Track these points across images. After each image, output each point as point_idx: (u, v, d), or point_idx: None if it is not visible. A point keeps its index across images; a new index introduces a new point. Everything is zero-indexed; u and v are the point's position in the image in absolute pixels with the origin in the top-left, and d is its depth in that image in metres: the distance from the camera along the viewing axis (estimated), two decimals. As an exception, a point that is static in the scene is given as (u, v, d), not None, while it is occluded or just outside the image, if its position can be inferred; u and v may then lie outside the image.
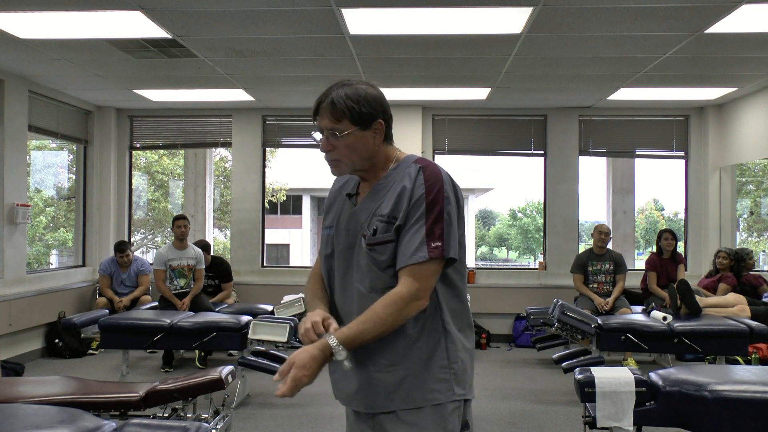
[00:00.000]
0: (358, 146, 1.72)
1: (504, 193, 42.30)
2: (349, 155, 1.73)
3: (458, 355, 1.72)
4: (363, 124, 1.72)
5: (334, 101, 1.71)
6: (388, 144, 1.80)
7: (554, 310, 5.26)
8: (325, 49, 5.15)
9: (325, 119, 1.72)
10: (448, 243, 1.66)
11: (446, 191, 1.67)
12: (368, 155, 1.75)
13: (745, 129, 6.91)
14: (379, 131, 1.75)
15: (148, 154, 16.11)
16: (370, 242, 1.70)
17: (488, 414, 4.62)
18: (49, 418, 2.33)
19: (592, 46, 5.01)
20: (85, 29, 4.66)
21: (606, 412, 2.92)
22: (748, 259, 6.34)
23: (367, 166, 1.77)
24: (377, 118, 1.74)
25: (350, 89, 1.73)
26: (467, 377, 1.75)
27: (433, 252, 1.63)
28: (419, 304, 1.65)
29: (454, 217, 1.69)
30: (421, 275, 1.64)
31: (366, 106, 1.72)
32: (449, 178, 1.72)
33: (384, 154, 1.78)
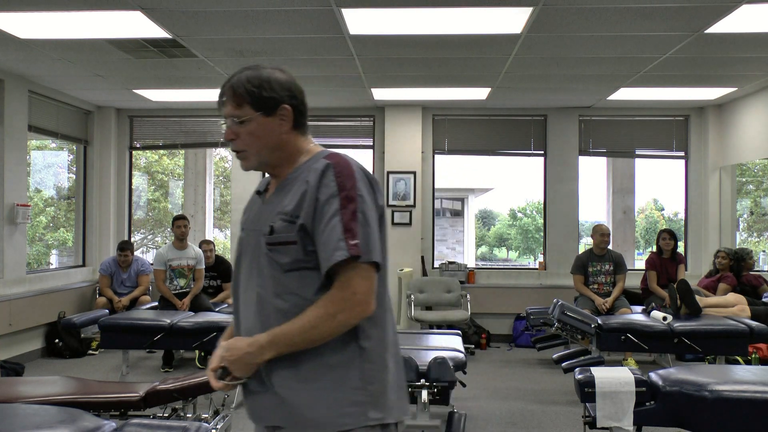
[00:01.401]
0: (261, 134, 1.60)
1: (504, 193, 42.24)
2: (254, 144, 1.61)
3: (376, 375, 1.53)
4: (266, 110, 1.59)
5: (234, 86, 1.60)
6: (300, 134, 1.66)
7: (554, 310, 5.26)
8: (325, 49, 5.15)
9: (228, 106, 1.61)
10: (367, 244, 1.48)
11: (360, 189, 1.51)
12: (274, 144, 1.62)
13: (745, 129, 6.91)
14: (286, 118, 1.62)
15: (148, 154, 16.10)
16: (269, 241, 1.55)
17: (488, 414, 4.63)
18: (49, 418, 2.33)
19: (592, 46, 5.01)
20: (85, 29, 4.66)
21: (606, 412, 2.92)
22: (748, 259, 6.33)
23: (275, 158, 1.64)
24: (283, 103, 1.60)
25: (253, 72, 1.61)
26: (387, 399, 1.54)
27: (354, 249, 1.46)
28: (358, 310, 1.48)
29: (372, 218, 1.52)
30: (348, 277, 1.47)
31: (269, 90, 1.59)
32: (364, 176, 1.56)
33: (294, 145, 1.64)
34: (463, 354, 4.14)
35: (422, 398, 3.68)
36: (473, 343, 6.92)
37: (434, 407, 3.82)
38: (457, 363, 3.91)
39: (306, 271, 1.53)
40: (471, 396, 4.99)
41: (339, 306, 1.47)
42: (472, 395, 5.01)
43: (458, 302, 7.09)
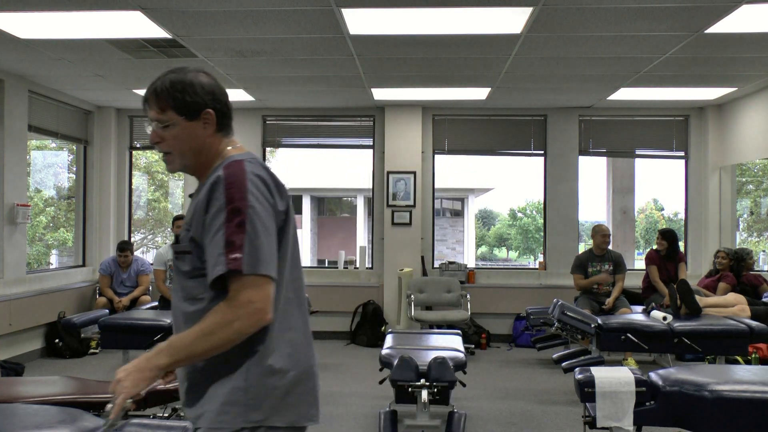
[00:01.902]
0: (185, 138, 1.61)
1: (504, 193, 42.28)
2: (178, 147, 1.62)
3: (261, 379, 1.54)
4: (189, 114, 1.60)
5: (157, 90, 1.61)
6: (224, 136, 1.67)
7: (554, 310, 5.26)
8: (325, 49, 5.15)
9: (152, 110, 1.62)
10: (253, 256, 1.47)
11: (250, 200, 1.49)
12: (198, 148, 1.63)
13: (745, 129, 6.91)
14: (210, 122, 1.62)
15: (148, 154, 16.10)
16: (174, 250, 1.64)
17: (488, 414, 4.63)
18: (49, 418, 2.33)
19: (592, 46, 5.01)
20: (85, 29, 4.66)
21: (606, 412, 2.91)
22: (748, 259, 6.33)
23: (198, 161, 1.65)
24: (206, 108, 1.61)
25: (176, 76, 1.61)
26: (270, 402, 1.55)
27: (232, 264, 1.45)
28: (255, 318, 1.47)
29: (265, 228, 1.50)
30: (239, 288, 1.47)
31: (192, 94, 1.60)
32: (261, 183, 1.54)
33: (215, 149, 1.65)
34: (463, 354, 4.15)
35: (422, 398, 3.69)
36: (473, 343, 6.92)
37: (434, 407, 3.82)
38: (457, 363, 3.92)
39: (200, 280, 1.56)
40: (471, 396, 4.99)
41: (235, 314, 1.47)
42: (472, 395, 5.01)
43: (458, 302, 7.09)
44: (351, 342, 7.42)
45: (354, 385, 5.43)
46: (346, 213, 27.90)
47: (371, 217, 7.97)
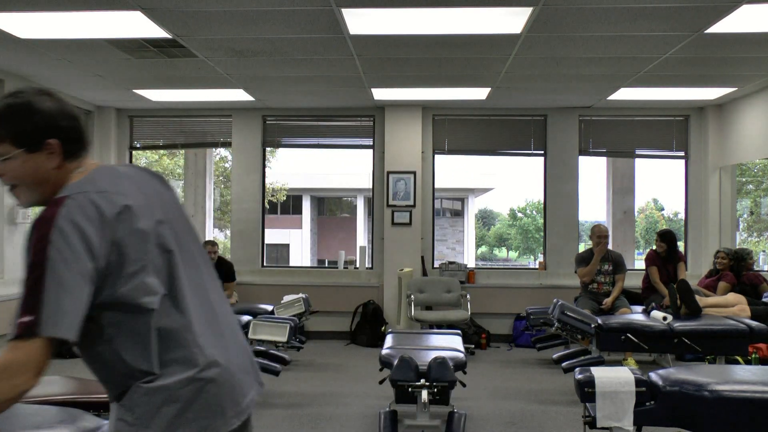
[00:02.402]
0: (27, 171, 1.44)
1: (504, 193, 42.35)
2: (20, 180, 1.46)
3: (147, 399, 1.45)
4: (29, 146, 1.43)
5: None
6: (74, 161, 1.49)
7: (554, 310, 5.26)
8: (325, 49, 5.15)
9: None
10: (52, 315, 1.28)
11: (50, 251, 1.30)
12: (42, 179, 1.46)
13: (745, 129, 6.91)
14: (55, 152, 1.45)
15: (148, 154, 16.11)
16: None
17: (488, 414, 4.63)
18: (49, 418, 2.33)
19: (592, 46, 5.01)
20: (85, 29, 4.66)
21: (606, 412, 2.91)
22: (748, 259, 6.33)
23: (46, 194, 1.46)
24: (48, 138, 1.44)
25: (13, 101, 1.45)
26: (161, 420, 1.44)
27: (22, 329, 1.27)
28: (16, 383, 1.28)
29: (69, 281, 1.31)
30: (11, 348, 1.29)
31: (30, 122, 1.43)
32: (73, 226, 1.33)
33: (63, 180, 1.46)
34: (463, 354, 4.15)
35: (422, 398, 3.69)
36: (473, 343, 6.92)
37: (434, 407, 3.82)
38: (457, 363, 3.92)
39: None
40: (471, 396, 4.99)
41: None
42: (472, 395, 5.01)
43: (458, 302, 7.09)
44: (351, 342, 7.42)
45: (354, 385, 5.43)
46: (346, 213, 27.90)
47: (371, 217, 7.97)
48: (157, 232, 1.48)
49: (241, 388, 1.59)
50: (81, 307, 1.34)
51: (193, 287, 1.55)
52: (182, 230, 1.60)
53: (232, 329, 1.67)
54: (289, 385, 5.34)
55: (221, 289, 1.73)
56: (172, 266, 1.50)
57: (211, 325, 1.57)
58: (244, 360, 1.64)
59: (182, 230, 1.60)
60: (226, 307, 1.69)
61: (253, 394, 1.64)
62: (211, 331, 1.56)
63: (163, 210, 1.55)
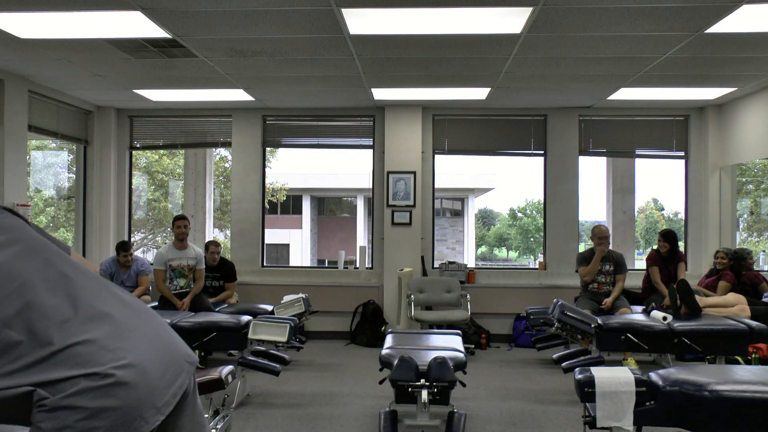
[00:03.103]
0: None
1: (504, 193, 42.34)
2: None
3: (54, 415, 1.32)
4: None
5: None
6: None
7: (554, 310, 5.26)
8: (325, 49, 5.15)
9: None
10: None
11: None
12: None
13: (745, 129, 6.91)
14: None
15: (148, 154, 16.11)
16: None
17: (488, 414, 4.63)
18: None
19: (592, 46, 5.01)
20: (85, 29, 4.66)
21: (606, 412, 2.92)
22: (748, 259, 6.33)
23: None
24: None
25: None
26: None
27: None
28: None
29: None
30: None
31: None
32: None
33: None
34: (463, 354, 4.15)
35: (422, 398, 3.69)
36: (473, 343, 6.92)
37: (434, 407, 3.82)
38: (457, 363, 3.92)
39: None
40: (471, 396, 4.99)
41: None
42: (472, 395, 5.01)
43: (458, 302, 7.09)
44: (351, 342, 7.42)
45: (354, 385, 5.43)
46: (346, 213, 27.90)
47: (371, 217, 7.97)
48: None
49: (158, 385, 1.46)
50: None
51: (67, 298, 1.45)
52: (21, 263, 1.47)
53: (143, 317, 1.57)
54: (289, 385, 5.34)
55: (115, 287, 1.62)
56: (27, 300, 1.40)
57: (108, 324, 1.46)
58: (157, 353, 1.51)
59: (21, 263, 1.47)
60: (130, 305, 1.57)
61: (175, 388, 1.51)
62: (112, 332, 1.45)
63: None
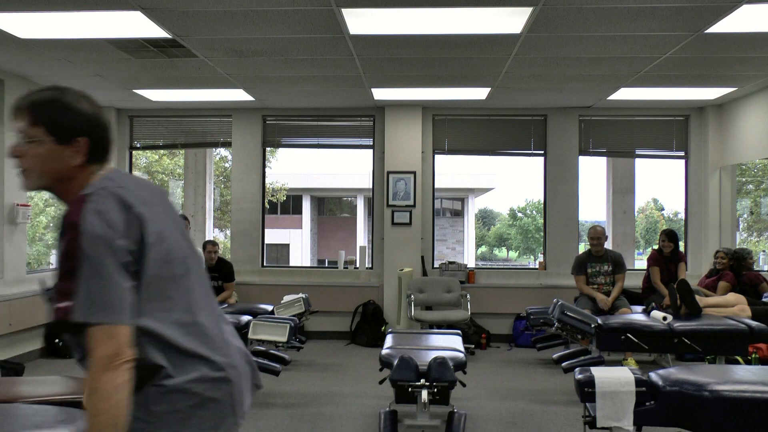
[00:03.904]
0: (48, 160, 1.50)
1: (504, 193, 42.33)
2: (38, 167, 1.51)
3: (166, 397, 1.49)
4: (61, 137, 1.49)
5: (34, 103, 1.51)
6: (95, 165, 1.56)
7: (554, 310, 5.26)
8: (325, 49, 5.15)
9: (22, 121, 1.51)
10: (88, 304, 1.38)
11: (82, 242, 1.39)
12: (59, 175, 1.52)
13: (745, 129, 6.91)
14: (80, 151, 1.51)
15: (148, 153, 16.12)
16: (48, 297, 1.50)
17: (488, 414, 4.63)
18: (49, 418, 2.33)
19: (592, 46, 5.01)
20: (85, 29, 4.66)
21: (606, 412, 2.92)
22: (748, 259, 6.33)
23: (59, 189, 1.54)
24: (81, 135, 1.51)
25: (58, 95, 1.52)
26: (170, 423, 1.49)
27: (58, 313, 1.38)
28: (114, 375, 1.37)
29: (103, 270, 1.39)
30: (94, 339, 1.38)
31: (72, 119, 1.50)
32: (100, 221, 1.41)
33: (81, 180, 1.53)
34: (463, 354, 4.15)
35: (422, 398, 3.69)
36: (473, 343, 6.92)
37: (434, 407, 3.82)
38: (457, 363, 3.92)
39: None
40: (471, 396, 4.99)
41: (97, 379, 1.37)
42: (472, 395, 5.01)
43: (458, 302, 7.09)
44: (351, 342, 7.42)
45: (354, 385, 5.43)
46: (346, 213, 27.90)
47: (371, 217, 7.97)
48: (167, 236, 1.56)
49: (245, 391, 1.64)
50: (119, 295, 1.41)
51: (201, 291, 1.62)
52: (182, 239, 1.63)
53: (233, 333, 1.72)
54: (289, 385, 5.34)
55: (215, 296, 1.79)
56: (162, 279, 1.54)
57: (218, 327, 1.63)
58: (244, 363, 1.68)
59: (182, 239, 1.63)
60: (223, 313, 1.74)
61: (250, 398, 1.69)
62: (219, 333, 1.62)
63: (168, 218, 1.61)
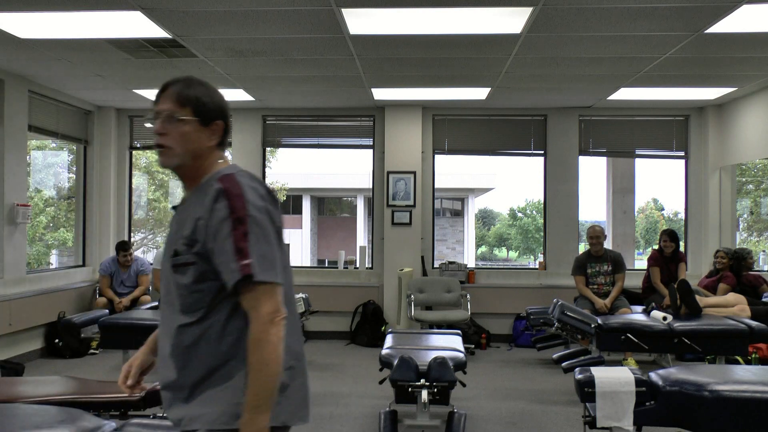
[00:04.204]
0: (192, 138, 1.68)
1: (504, 193, 42.32)
2: (181, 145, 1.67)
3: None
4: (204, 119, 1.69)
5: (183, 86, 1.69)
6: (220, 151, 1.75)
7: (554, 310, 5.26)
8: (325, 49, 5.15)
9: (168, 102, 1.68)
10: (262, 263, 1.57)
11: (250, 210, 1.58)
12: (199, 152, 1.69)
13: (745, 129, 6.91)
14: (217, 132, 1.72)
15: (148, 154, 16.11)
16: (173, 263, 1.64)
17: (488, 414, 4.63)
18: (49, 418, 2.33)
19: (592, 46, 5.01)
20: (85, 29, 4.66)
21: (606, 412, 2.92)
22: (748, 259, 6.33)
23: (194, 166, 1.71)
24: (218, 119, 1.72)
25: (202, 83, 1.74)
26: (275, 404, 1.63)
27: (245, 269, 1.54)
28: (279, 325, 1.57)
29: (269, 237, 1.60)
30: (256, 300, 1.56)
31: (213, 103, 1.71)
32: (258, 197, 1.63)
33: (211, 160, 1.72)
34: (463, 354, 4.15)
35: (422, 398, 3.69)
36: (473, 343, 6.92)
37: (434, 407, 3.82)
38: (457, 363, 3.92)
39: (205, 292, 1.61)
40: (471, 396, 4.99)
41: (266, 331, 1.54)
42: (472, 395, 5.01)
43: (458, 302, 7.09)
44: (351, 342, 7.42)
45: (354, 385, 5.43)
46: (346, 213, 27.89)
47: (371, 217, 7.97)
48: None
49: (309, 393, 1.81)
50: (278, 259, 1.62)
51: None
52: None
53: None
54: (289, 385, 5.33)
55: None
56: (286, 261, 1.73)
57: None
58: None
59: None
60: None
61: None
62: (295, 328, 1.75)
63: None
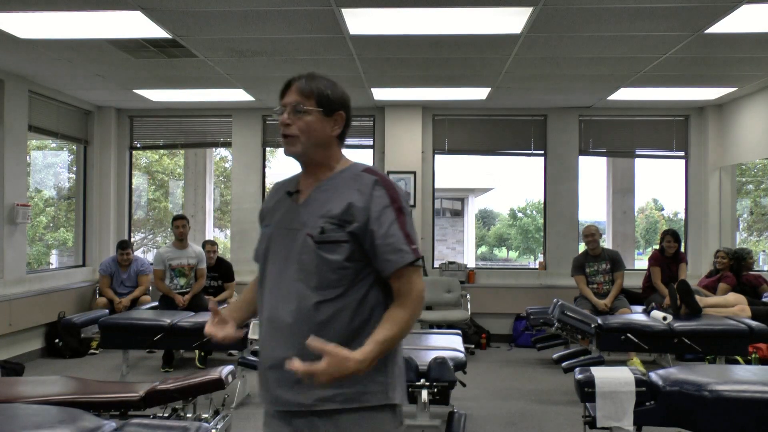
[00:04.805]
0: (316, 128, 1.75)
1: (504, 193, 42.26)
2: (305, 134, 1.75)
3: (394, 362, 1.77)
4: (327, 110, 1.77)
5: (308, 79, 1.78)
6: (341, 144, 1.84)
7: (554, 310, 5.26)
8: (325, 49, 5.15)
9: (293, 94, 1.76)
10: (418, 249, 1.73)
11: (403, 202, 1.73)
12: (322, 142, 1.77)
13: (745, 129, 6.91)
14: (339, 123, 1.80)
15: (148, 154, 16.11)
16: (319, 240, 1.70)
17: (488, 414, 4.63)
18: (49, 418, 2.33)
19: (592, 46, 5.01)
20: (85, 29, 4.66)
21: (606, 411, 2.92)
22: (748, 259, 6.33)
23: (318, 155, 1.78)
24: (341, 110, 1.80)
25: (324, 78, 1.82)
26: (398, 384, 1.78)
27: (417, 253, 1.69)
28: (423, 305, 1.73)
29: (412, 226, 1.75)
30: (412, 279, 1.70)
31: (335, 95, 1.80)
32: (401, 191, 1.78)
33: (334, 150, 1.81)
34: (463, 354, 4.14)
35: (422, 398, 3.68)
36: (473, 343, 6.92)
37: (434, 407, 3.81)
38: (457, 363, 3.91)
39: (350, 270, 1.69)
40: (471, 396, 4.99)
41: (418, 306, 1.70)
42: (472, 395, 5.01)
43: (458, 302, 7.09)
44: (351, 342, 7.41)
45: (354, 385, 5.42)
46: (346, 213, 27.85)
47: (371, 217, 7.96)
48: None
49: None
50: None
51: None
52: None
53: None
54: (289, 385, 5.33)
55: None
56: None
57: None
58: None
59: None
60: None
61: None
62: None
63: None
